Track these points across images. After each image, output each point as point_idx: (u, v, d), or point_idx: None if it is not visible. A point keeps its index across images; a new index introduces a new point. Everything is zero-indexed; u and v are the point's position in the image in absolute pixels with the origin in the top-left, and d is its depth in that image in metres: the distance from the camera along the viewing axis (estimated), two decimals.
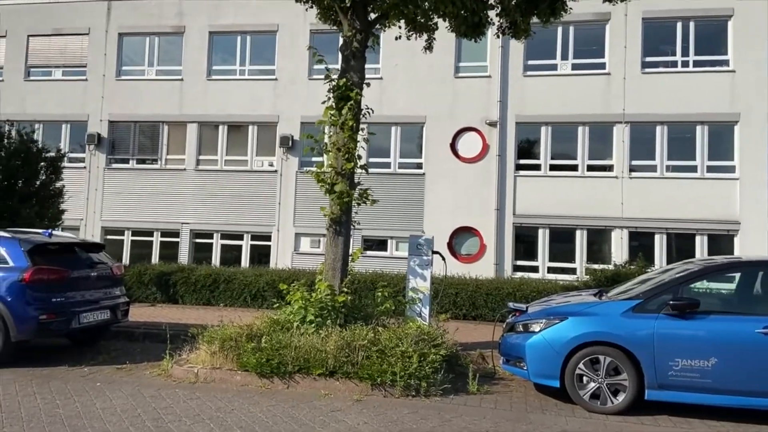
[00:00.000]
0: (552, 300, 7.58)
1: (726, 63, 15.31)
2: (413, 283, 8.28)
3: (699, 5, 15.38)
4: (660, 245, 15.21)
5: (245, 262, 17.19)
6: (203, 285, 13.01)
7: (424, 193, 16.43)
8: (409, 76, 16.62)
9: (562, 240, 15.86)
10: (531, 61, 16.29)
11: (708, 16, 15.46)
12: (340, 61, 8.45)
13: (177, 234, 17.75)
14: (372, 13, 8.35)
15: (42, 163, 11.93)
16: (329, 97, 8.09)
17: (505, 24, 8.90)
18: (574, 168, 15.89)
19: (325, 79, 8.07)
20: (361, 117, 8.13)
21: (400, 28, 9.09)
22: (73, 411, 5.58)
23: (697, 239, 15.09)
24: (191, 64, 18.08)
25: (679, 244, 15.27)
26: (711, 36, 15.54)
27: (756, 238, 14.54)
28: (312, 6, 9.07)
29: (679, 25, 15.70)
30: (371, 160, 16.81)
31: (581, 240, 15.69)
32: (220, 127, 17.88)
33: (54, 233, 8.38)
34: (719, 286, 7.64)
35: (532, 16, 8.69)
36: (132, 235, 18.12)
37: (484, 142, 16.18)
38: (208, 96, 17.88)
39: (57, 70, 19.05)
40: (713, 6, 15.33)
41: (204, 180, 17.74)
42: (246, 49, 17.97)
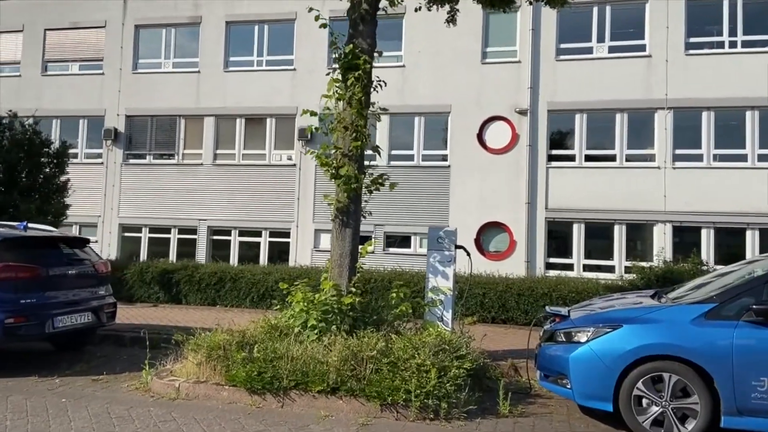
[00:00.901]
0: (597, 303, 6.47)
1: None
2: (433, 282, 7.27)
3: None
4: (707, 241, 14.02)
5: (263, 259, 16.55)
6: (208, 284, 12.30)
7: (449, 187, 15.54)
8: (432, 63, 15.74)
9: (599, 236, 14.80)
10: (564, 45, 15.23)
11: None
12: (348, 27, 7.49)
13: (194, 231, 17.23)
14: None
15: (44, 158, 11.38)
16: (335, 68, 7.18)
17: None
18: (612, 158, 14.81)
19: (330, 46, 7.15)
20: (371, 90, 7.15)
21: None
22: None
23: (748, 234, 13.86)
24: (208, 56, 17.54)
25: (728, 240, 14.07)
26: (761, 14, 14.25)
27: None
28: None
29: (725, 2, 14.46)
30: (393, 152, 16.04)
31: (620, 236, 14.59)
32: (238, 120, 17.30)
33: (31, 226, 7.62)
34: None
35: None
36: (149, 232, 17.68)
37: (513, 132, 15.20)
38: (225, 88, 17.31)
39: (74, 64, 18.73)
40: None
41: (221, 175, 17.18)
42: (263, 39, 17.34)
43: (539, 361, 5.88)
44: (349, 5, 7.38)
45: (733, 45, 14.38)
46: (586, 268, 14.67)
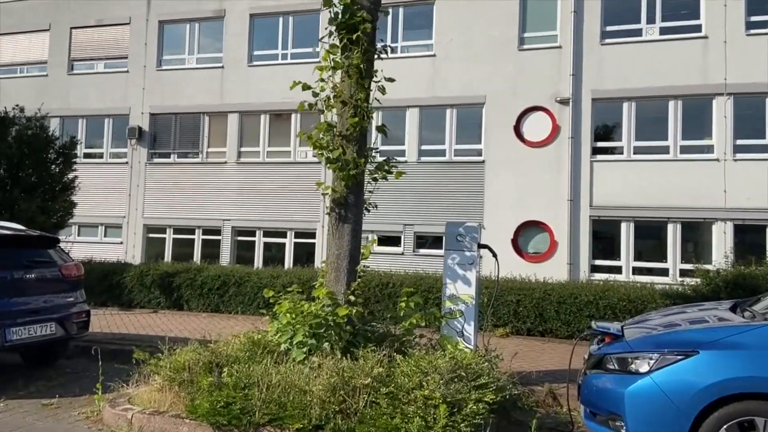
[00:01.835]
0: (656, 318, 5.17)
1: None
2: (451, 288, 6.17)
3: None
4: None
5: (288, 262, 15.82)
6: (210, 288, 11.48)
7: (484, 184, 14.46)
8: (465, 52, 14.68)
9: (650, 236, 13.48)
10: (609, 27, 13.96)
11: None
12: None
13: (218, 232, 16.66)
14: None
15: (51, 154, 10.83)
16: (331, 32, 6.09)
17: None
18: (665, 150, 13.47)
19: (324, 4, 6.02)
20: (374, 57, 6.05)
21: None
22: None
23: None
24: (232, 50, 16.96)
25: None
26: None
27: None
28: None
29: None
30: (423, 147, 15.08)
31: (674, 235, 13.24)
32: (262, 117, 16.65)
33: None
34: None
35: None
36: (174, 233, 17.21)
37: (554, 123, 14.01)
38: (249, 83, 16.67)
39: (99, 62, 18.46)
40: None
41: (246, 174, 16.56)
42: (288, 32, 16.64)
43: (584, 394, 4.58)
44: None
45: None
46: (636, 271, 13.38)
